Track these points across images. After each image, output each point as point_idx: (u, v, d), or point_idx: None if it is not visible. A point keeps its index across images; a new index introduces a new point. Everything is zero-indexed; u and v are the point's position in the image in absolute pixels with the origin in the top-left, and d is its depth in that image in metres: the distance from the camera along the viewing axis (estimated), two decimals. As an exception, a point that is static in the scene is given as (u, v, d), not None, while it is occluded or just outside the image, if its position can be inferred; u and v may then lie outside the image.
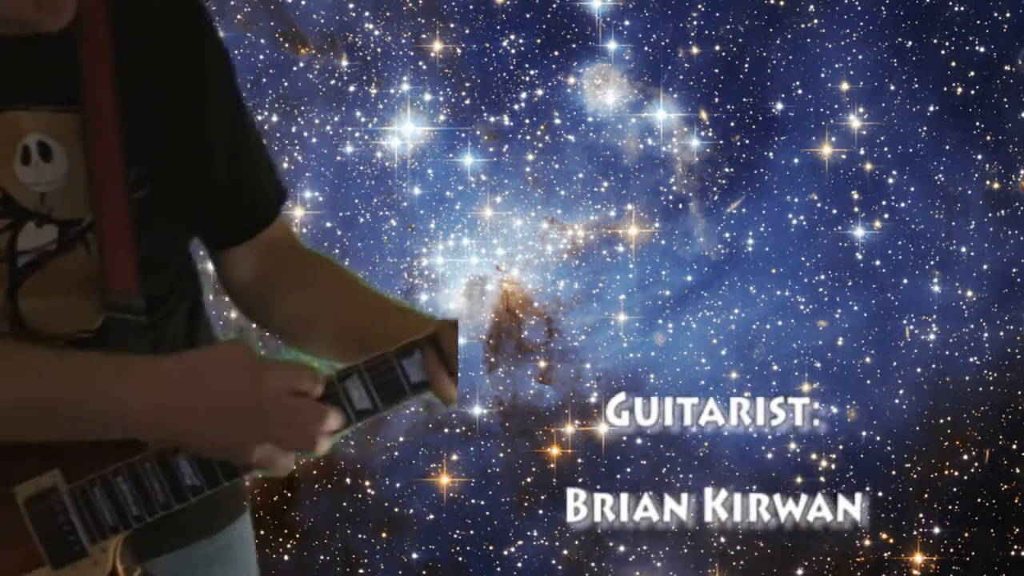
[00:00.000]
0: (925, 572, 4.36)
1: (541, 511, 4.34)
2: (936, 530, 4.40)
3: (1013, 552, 4.41)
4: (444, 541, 4.33)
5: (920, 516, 4.40)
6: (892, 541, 4.38)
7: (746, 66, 4.37)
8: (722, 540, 4.31)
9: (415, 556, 4.33)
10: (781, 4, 4.35)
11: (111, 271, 1.49)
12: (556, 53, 4.34)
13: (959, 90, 4.40)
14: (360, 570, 4.32)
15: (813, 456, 4.35)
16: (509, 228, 4.36)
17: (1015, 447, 4.43)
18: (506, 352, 4.41)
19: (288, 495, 4.28)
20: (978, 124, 4.41)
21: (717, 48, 4.35)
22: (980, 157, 4.43)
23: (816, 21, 4.36)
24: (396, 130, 4.28)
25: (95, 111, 1.47)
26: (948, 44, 4.39)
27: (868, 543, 4.34)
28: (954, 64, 4.39)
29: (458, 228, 4.34)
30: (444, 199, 4.33)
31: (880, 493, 4.29)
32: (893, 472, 4.38)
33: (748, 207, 4.41)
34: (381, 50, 4.29)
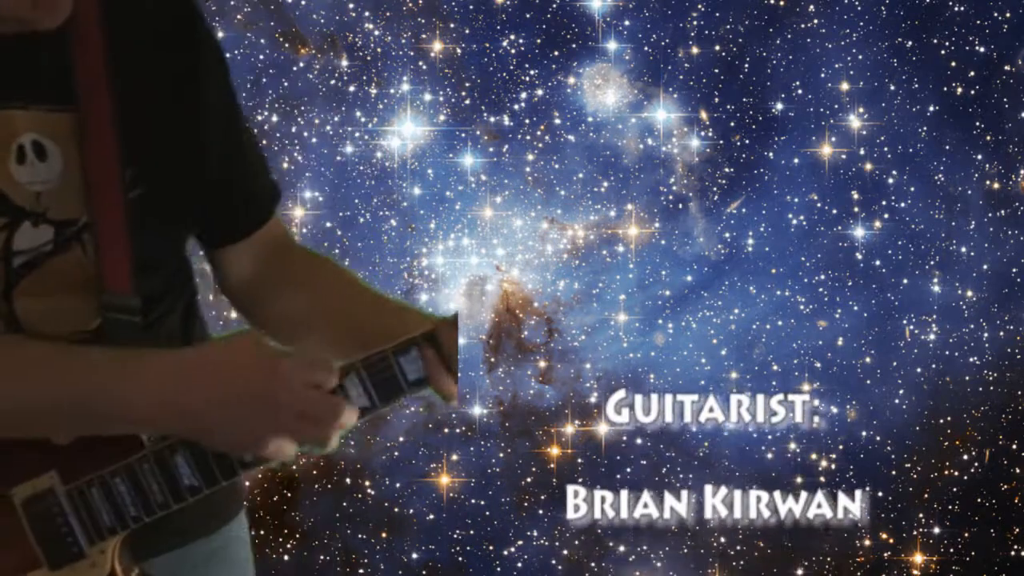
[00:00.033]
0: (925, 572, 4.36)
1: (541, 511, 4.34)
2: (936, 530, 4.40)
3: (1013, 552, 4.41)
4: (444, 541, 4.33)
5: (920, 516, 4.40)
6: (892, 541, 4.38)
7: (746, 66, 4.37)
8: (722, 540, 4.30)
9: (415, 556, 4.33)
10: (781, 4, 4.35)
11: (107, 271, 1.49)
12: (556, 53, 4.34)
13: (959, 90, 4.40)
14: (360, 570, 4.32)
15: (813, 456, 4.34)
16: (509, 228, 4.36)
17: (1015, 447, 4.43)
18: (506, 352, 4.41)
19: (288, 495, 4.28)
20: (978, 124, 4.41)
21: (717, 48, 4.35)
22: (980, 157, 4.43)
23: (816, 21, 4.36)
24: (396, 130, 4.28)
25: (90, 110, 1.47)
26: (948, 44, 4.38)
27: (868, 543, 4.34)
28: (954, 64, 4.39)
29: (458, 228, 4.34)
30: (444, 199, 4.33)
31: (880, 493, 4.29)
32: (893, 472, 4.38)
33: (748, 207, 4.41)
34: (381, 50, 4.29)
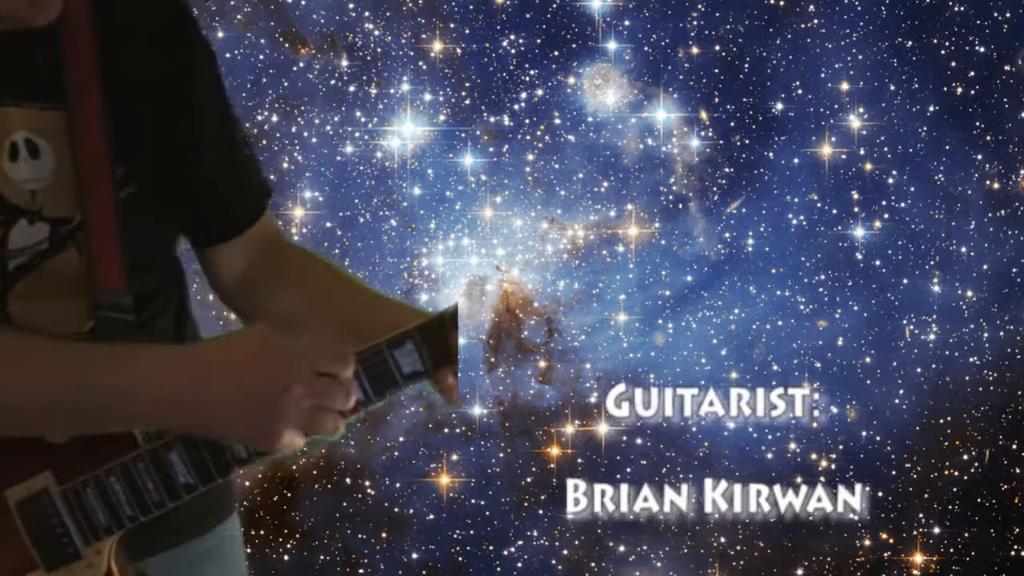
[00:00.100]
0: (925, 572, 4.36)
1: (541, 511, 4.34)
2: (936, 530, 4.40)
3: (1013, 552, 4.41)
4: (444, 541, 4.33)
5: (920, 516, 4.40)
6: (892, 541, 4.38)
7: (746, 66, 4.37)
8: (722, 540, 4.30)
9: (415, 556, 4.33)
10: (781, 4, 4.35)
11: (99, 268, 1.49)
12: (556, 53, 4.34)
13: (959, 90, 4.39)
14: (360, 570, 4.32)
15: (813, 456, 4.34)
16: (509, 228, 4.36)
17: (1015, 447, 4.42)
18: (506, 352, 4.41)
19: (288, 495, 4.28)
20: (978, 124, 4.41)
21: (717, 48, 4.35)
22: (980, 157, 4.42)
23: (816, 21, 4.35)
24: (396, 130, 4.28)
25: (80, 107, 1.47)
26: (948, 44, 4.38)
27: (868, 543, 4.34)
28: (954, 64, 4.39)
29: (458, 228, 4.34)
30: (444, 199, 4.33)
31: (880, 493, 4.29)
32: (893, 472, 4.38)
33: (748, 207, 4.41)
34: (381, 50, 4.29)
